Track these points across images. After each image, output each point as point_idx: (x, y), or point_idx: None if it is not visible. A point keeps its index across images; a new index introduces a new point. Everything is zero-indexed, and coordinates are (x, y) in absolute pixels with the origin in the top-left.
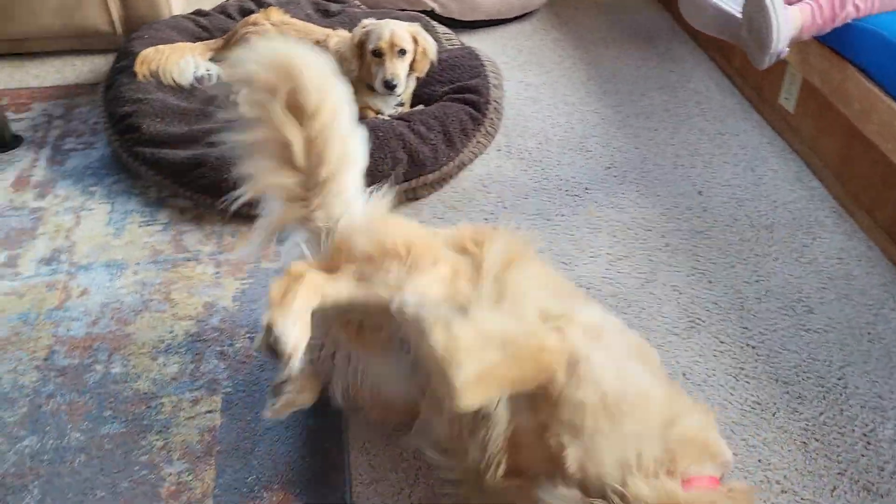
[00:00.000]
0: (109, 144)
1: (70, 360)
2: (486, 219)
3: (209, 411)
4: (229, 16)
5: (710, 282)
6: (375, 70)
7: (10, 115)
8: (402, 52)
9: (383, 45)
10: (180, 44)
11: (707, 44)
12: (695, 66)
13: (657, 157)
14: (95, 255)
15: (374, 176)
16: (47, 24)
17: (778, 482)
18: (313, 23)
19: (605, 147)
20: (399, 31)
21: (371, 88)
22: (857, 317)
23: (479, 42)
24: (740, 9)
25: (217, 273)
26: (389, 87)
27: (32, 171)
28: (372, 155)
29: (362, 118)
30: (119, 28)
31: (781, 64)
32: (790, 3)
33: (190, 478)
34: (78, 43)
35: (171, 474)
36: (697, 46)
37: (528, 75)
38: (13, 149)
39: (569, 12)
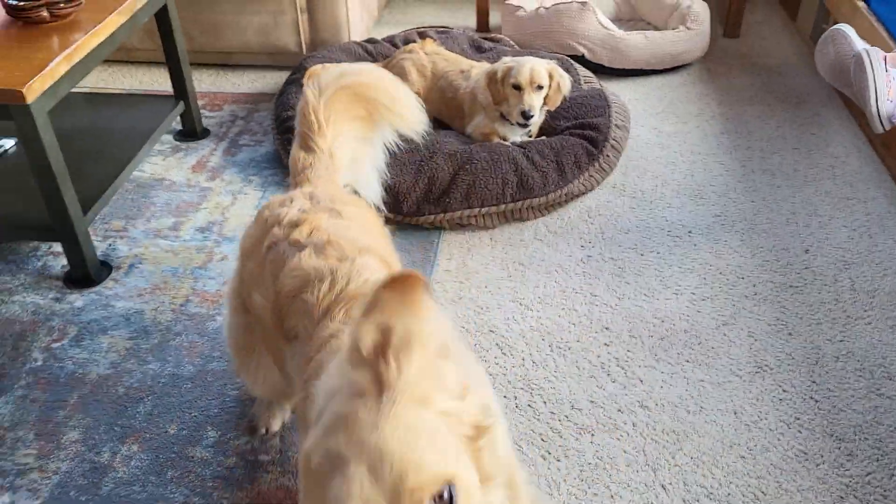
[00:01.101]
0: (273, 143)
1: (199, 309)
2: (582, 246)
3: None
4: (394, 45)
5: (789, 334)
6: (514, 102)
7: (205, 112)
8: (540, 87)
9: (523, 80)
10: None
11: (859, 110)
12: (839, 131)
13: (771, 213)
14: (240, 231)
15: (482, 196)
16: (248, 41)
17: None
18: (466, 56)
19: (720, 196)
20: (538, 68)
21: (502, 116)
22: None
23: (623, 88)
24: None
25: None
26: (526, 116)
27: (210, 158)
28: (484, 174)
29: (487, 141)
30: (304, 49)
31: None
32: None
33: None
34: (270, 59)
35: (253, 412)
36: (850, 113)
37: (663, 123)
38: (201, 139)
39: (722, 69)
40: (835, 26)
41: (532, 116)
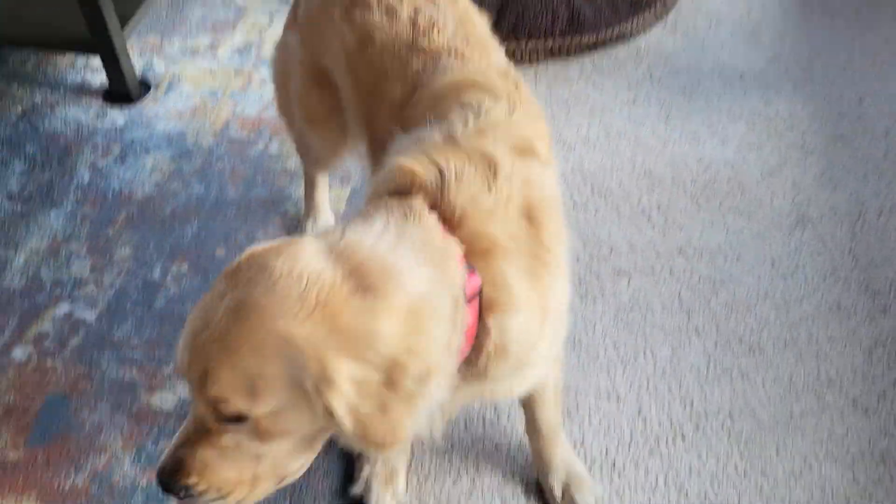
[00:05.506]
0: None
1: (239, 134)
2: (629, 87)
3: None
4: None
5: (834, 187)
6: None
7: None
8: None
9: None
10: None
11: None
12: None
13: (829, 57)
14: None
15: (529, 28)
16: None
17: (827, 372)
18: None
19: (776, 39)
20: None
21: None
22: None
23: None
24: None
25: None
26: None
27: None
28: (534, 5)
29: None
30: None
31: None
32: None
33: None
34: None
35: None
36: None
37: None
38: None
39: None
40: None
41: None
